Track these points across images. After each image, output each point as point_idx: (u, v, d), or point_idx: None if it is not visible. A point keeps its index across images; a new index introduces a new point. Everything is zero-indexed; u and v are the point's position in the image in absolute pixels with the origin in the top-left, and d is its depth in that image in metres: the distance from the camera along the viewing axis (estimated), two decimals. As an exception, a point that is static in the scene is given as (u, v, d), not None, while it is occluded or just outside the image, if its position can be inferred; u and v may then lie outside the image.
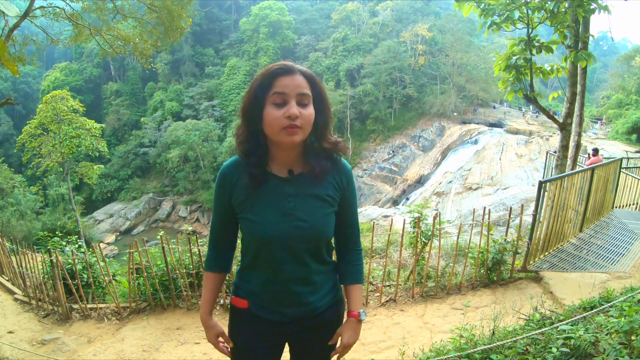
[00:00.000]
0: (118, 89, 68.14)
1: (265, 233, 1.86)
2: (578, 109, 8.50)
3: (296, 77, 1.82)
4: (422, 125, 56.18)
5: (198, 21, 65.62)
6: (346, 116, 56.38)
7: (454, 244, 6.68)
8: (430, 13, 70.26)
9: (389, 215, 27.22)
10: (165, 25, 15.31)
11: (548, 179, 6.76)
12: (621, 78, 54.85)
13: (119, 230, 49.86)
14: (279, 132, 1.79)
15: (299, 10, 77.12)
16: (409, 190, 47.27)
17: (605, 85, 71.60)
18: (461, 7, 6.96)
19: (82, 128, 25.39)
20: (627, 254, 7.42)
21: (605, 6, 6.86)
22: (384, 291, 6.47)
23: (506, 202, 28.51)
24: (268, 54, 64.75)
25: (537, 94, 7.40)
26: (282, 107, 1.78)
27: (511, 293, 6.13)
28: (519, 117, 55.99)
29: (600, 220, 9.47)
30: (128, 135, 62.65)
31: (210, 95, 64.13)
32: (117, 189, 56.88)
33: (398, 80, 58.63)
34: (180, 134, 51.74)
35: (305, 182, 1.93)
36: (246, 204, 1.91)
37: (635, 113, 40.85)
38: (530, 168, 35.35)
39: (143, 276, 6.42)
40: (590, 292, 5.37)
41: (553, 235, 7.20)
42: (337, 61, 61.97)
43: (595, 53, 42.88)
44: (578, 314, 3.89)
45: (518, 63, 6.93)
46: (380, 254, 9.01)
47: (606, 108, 52.68)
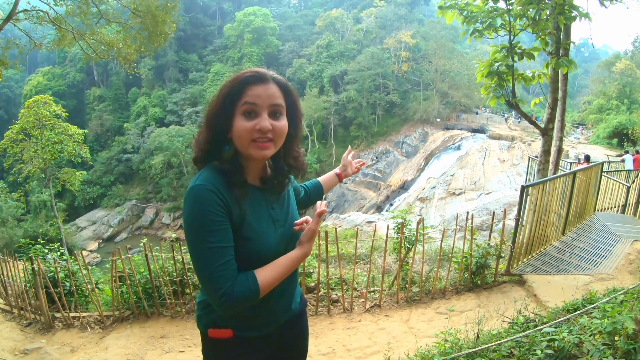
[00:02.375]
0: (101, 94, 67.85)
1: (266, 249, 1.75)
2: (559, 115, 8.60)
3: (269, 86, 1.70)
4: (405, 131, 56.57)
5: (182, 26, 65.57)
6: (330, 122, 56.72)
7: (438, 249, 6.71)
8: (414, 20, 70.82)
9: (372, 221, 27.19)
10: (149, 30, 15.24)
11: (530, 184, 6.83)
12: (602, 84, 55.58)
13: (102, 237, 49.44)
14: (249, 145, 1.67)
15: (283, 16, 77.59)
16: (393, 196, 47.42)
17: (586, 91, 72.51)
18: (444, 14, 7.02)
19: (64, 134, 25.15)
20: (610, 256, 7.51)
21: (586, 13, 6.95)
22: (368, 297, 6.47)
23: (489, 207, 28.69)
24: (252, 60, 64.87)
25: (519, 100, 7.48)
26: (252, 119, 1.66)
27: (495, 297, 6.17)
28: (502, 122, 56.44)
29: (582, 224, 9.58)
30: (111, 141, 62.27)
31: (194, 102, 64.00)
32: (99, 195, 56.44)
33: (381, 86, 59.01)
34: (164, 140, 51.65)
35: (277, 188, 1.90)
36: (241, 221, 1.70)
37: (615, 118, 41.41)
38: (513, 173, 35.65)
39: (126, 284, 6.38)
40: (573, 294, 5.42)
41: (536, 238, 7.26)
42: (320, 67, 62.21)
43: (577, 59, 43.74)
44: (562, 316, 3.93)
45: (500, 70, 6.99)
46: (364, 260, 9.02)
47: (587, 113, 53.39)
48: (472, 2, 6.92)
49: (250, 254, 1.71)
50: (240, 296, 1.60)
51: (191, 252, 1.65)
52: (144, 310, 6.46)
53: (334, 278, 6.69)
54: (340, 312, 6.26)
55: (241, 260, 1.67)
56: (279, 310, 1.93)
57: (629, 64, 52.50)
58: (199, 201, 1.62)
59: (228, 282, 1.59)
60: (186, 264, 6.32)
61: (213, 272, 1.59)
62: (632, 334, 2.58)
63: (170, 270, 6.46)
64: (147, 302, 6.45)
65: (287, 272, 1.75)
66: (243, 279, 1.63)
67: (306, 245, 1.79)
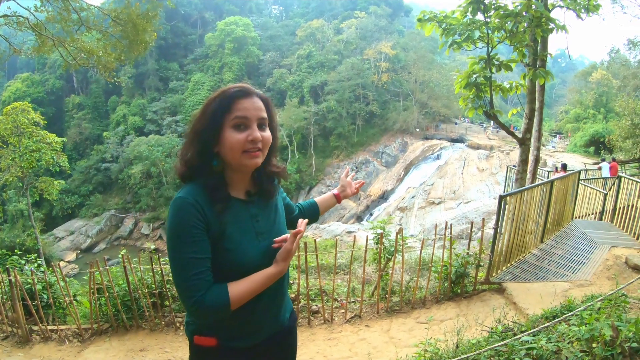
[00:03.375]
0: (80, 102, 67.08)
1: (247, 260, 1.80)
2: (537, 124, 8.71)
3: (255, 100, 1.81)
4: (385, 141, 56.81)
5: (163, 35, 65.44)
6: (310, 132, 56.70)
7: (417, 258, 6.73)
8: (394, 31, 71.48)
9: (352, 231, 27.25)
10: (130, 38, 15.15)
11: (508, 193, 6.88)
12: (579, 93, 56.59)
13: (80, 248, 48.65)
14: (241, 156, 1.76)
15: (264, 26, 77.72)
16: (373, 205, 47.50)
17: (563, 101, 73.68)
18: (423, 27, 7.07)
19: (42, 142, 24.79)
20: (588, 263, 7.61)
21: (562, 26, 7.06)
22: (348, 307, 6.46)
23: (469, 216, 28.89)
24: (233, 69, 64.88)
25: (497, 110, 7.55)
26: (243, 131, 1.75)
27: (475, 305, 6.20)
28: (480, 132, 56.99)
29: (560, 231, 9.71)
30: (90, 149, 61.63)
31: (174, 111, 63.73)
32: (78, 205, 55.60)
33: (361, 97, 59.27)
34: (143, 150, 51.27)
35: (262, 200, 1.96)
36: (221, 233, 1.76)
37: (592, 126, 42.02)
38: (492, 182, 35.94)
39: (105, 296, 6.28)
40: (552, 302, 5.47)
41: (515, 247, 7.33)
42: (301, 78, 62.38)
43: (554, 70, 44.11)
44: (540, 323, 3.96)
45: (478, 81, 7.06)
46: (344, 270, 9.03)
47: (565, 122, 54.20)
48: (451, 14, 6.98)
49: (232, 265, 1.77)
50: (210, 306, 1.66)
51: (170, 260, 1.71)
52: (123, 323, 6.37)
53: (314, 289, 6.68)
54: (321, 323, 6.23)
55: (223, 271, 1.74)
56: (265, 323, 1.95)
57: (605, 74, 53.47)
58: (179, 213, 1.69)
59: (200, 291, 1.65)
60: (165, 276, 6.26)
61: (187, 281, 1.66)
62: (609, 340, 2.62)
63: (149, 282, 6.38)
64: (126, 314, 6.36)
65: (261, 287, 1.79)
66: (216, 290, 1.69)
67: (281, 264, 1.83)
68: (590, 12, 7.92)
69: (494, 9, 6.83)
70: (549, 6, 8.25)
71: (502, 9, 6.78)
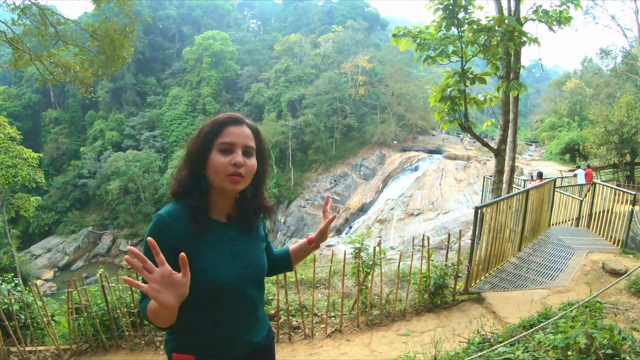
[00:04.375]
0: (57, 116, 66.10)
1: (220, 280, 1.85)
2: (511, 135, 8.86)
3: (244, 128, 1.92)
4: (363, 154, 56.96)
5: (141, 49, 65.18)
6: (288, 147, 56.70)
7: (397, 271, 6.76)
8: (371, 45, 72.07)
9: (332, 245, 27.24)
10: (107, 54, 15.03)
11: (484, 204, 6.97)
12: (553, 102, 57.43)
13: (58, 265, 47.84)
14: (223, 179, 1.83)
15: (242, 40, 77.63)
16: (352, 218, 47.49)
17: (538, 110, 74.70)
18: (398, 42, 7.16)
19: (19, 157, 24.42)
20: (565, 269, 7.73)
21: (535, 38, 7.21)
22: (329, 322, 6.48)
23: (448, 226, 29.04)
24: (210, 84, 64.82)
25: (472, 123, 7.67)
26: (228, 155, 1.83)
27: (455, 316, 6.25)
28: (457, 143, 57.36)
29: (538, 239, 9.84)
30: (67, 165, 60.78)
31: (152, 125, 63.37)
32: (55, 221, 54.72)
33: (339, 110, 59.40)
34: (121, 165, 50.81)
35: (242, 225, 2.00)
36: (195, 253, 1.81)
37: (567, 134, 42.50)
38: (470, 192, 36.16)
39: (83, 316, 6.20)
40: (530, 309, 5.55)
41: (493, 256, 7.42)
42: (279, 92, 62.39)
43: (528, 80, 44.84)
44: (518, 332, 4.03)
45: (453, 94, 7.16)
46: (324, 284, 9.03)
47: (540, 131, 54.94)
48: (425, 30, 7.08)
49: (205, 283, 1.80)
50: (142, 311, 1.79)
51: None
52: (102, 343, 6.32)
53: (293, 304, 6.68)
54: (302, 339, 6.23)
55: (198, 290, 1.76)
56: (237, 342, 1.97)
57: (579, 82, 54.30)
58: (153, 229, 1.80)
59: (145, 299, 1.78)
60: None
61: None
62: (584, 348, 2.67)
63: (128, 301, 6.36)
64: (105, 334, 6.31)
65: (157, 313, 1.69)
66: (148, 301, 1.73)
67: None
68: (562, 24, 8.09)
69: (467, 24, 6.95)
70: (521, 19, 8.43)
71: (475, 24, 6.90)
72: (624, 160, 25.22)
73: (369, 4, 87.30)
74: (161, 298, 1.53)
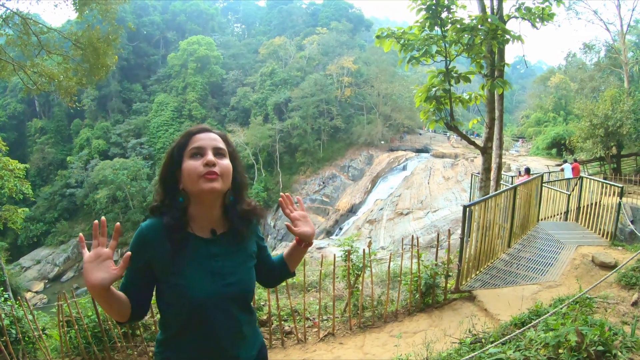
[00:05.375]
0: (43, 126, 65.48)
1: (197, 296, 1.82)
2: (497, 133, 8.89)
3: (211, 133, 1.94)
4: (350, 155, 57.10)
5: (126, 56, 65.02)
6: (275, 150, 56.72)
7: (387, 272, 6.76)
8: (355, 46, 72.28)
9: (323, 247, 27.24)
10: (91, 62, 14.91)
11: (472, 203, 7.00)
12: (538, 98, 57.97)
13: (48, 277, 47.43)
14: (198, 180, 1.81)
15: (227, 45, 77.59)
16: (342, 219, 47.52)
17: (524, 106, 75.36)
18: (382, 44, 7.16)
19: (5, 169, 24.24)
20: (555, 264, 7.77)
21: (518, 36, 7.24)
22: (321, 326, 6.46)
23: (437, 224, 29.13)
24: (196, 89, 64.75)
25: (458, 122, 7.69)
26: (199, 158, 1.85)
27: (447, 315, 6.26)
28: (444, 141, 57.62)
29: (527, 234, 9.89)
30: (54, 175, 60.20)
31: (138, 133, 63.10)
32: (43, 232, 54.15)
33: (325, 112, 59.56)
34: (108, 174, 50.54)
35: (228, 241, 1.96)
36: (171, 269, 1.84)
37: (553, 129, 42.81)
38: (458, 189, 36.23)
39: (74, 329, 6.12)
40: (521, 306, 5.57)
41: (483, 254, 7.44)
42: (265, 95, 62.35)
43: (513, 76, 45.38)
44: (510, 331, 4.03)
45: (438, 94, 7.18)
46: (315, 287, 9.02)
47: (526, 126, 55.28)
48: (409, 30, 7.09)
49: (182, 299, 1.82)
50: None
51: None
52: (95, 355, 6.22)
53: (285, 309, 6.66)
54: (295, 344, 6.20)
55: (174, 306, 1.86)
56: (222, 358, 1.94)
57: (563, 78, 54.74)
58: (133, 240, 1.88)
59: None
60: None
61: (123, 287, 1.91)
62: (575, 345, 2.68)
63: (120, 311, 6.29)
64: (97, 346, 6.20)
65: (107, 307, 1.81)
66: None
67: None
68: (545, 21, 8.13)
69: (450, 23, 6.96)
70: (504, 17, 8.46)
71: (458, 23, 6.91)
72: (610, 153, 25.38)
73: (353, 5, 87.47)
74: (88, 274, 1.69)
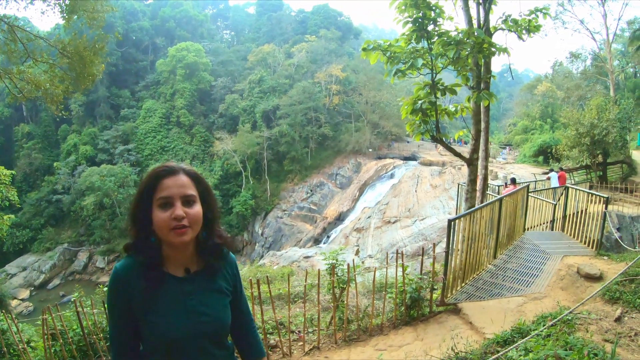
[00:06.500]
0: (30, 131, 64.80)
1: (173, 334, 1.84)
2: (483, 144, 8.95)
3: (180, 177, 1.89)
4: (338, 163, 57.21)
5: (114, 61, 64.77)
6: (263, 157, 56.74)
7: (375, 281, 6.75)
8: (344, 54, 72.53)
9: (310, 256, 27.23)
10: (77, 71, 14.86)
11: (457, 216, 7.02)
12: (525, 106, 58.70)
13: (34, 284, 46.93)
14: (168, 233, 1.81)
15: (216, 52, 77.43)
16: (330, 227, 47.50)
17: (511, 114, 76.05)
18: (368, 56, 7.17)
19: (-9, 176, 24.02)
20: (541, 275, 7.81)
21: (504, 48, 7.29)
22: (307, 339, 6.43)
23: (425, 233, 29.22)
24: (184, 96, 64.53)
25: (444, 134, 7.70)
26: (168, 209, 1.82)
27: (432, 328, 6.26)
28: (432, 149, 57.71)
29: (513, 245, 9.92)
30: (40, 181, 59.72)
31: (126, 139, 62.70)
32: (29, 239, 53.64)
33: (313, 120, 59.67)
34: (95, 180, 50.10)
35: (202, 279, 1.98)
36: (148, 307, 1.86)
37: (540, 137, 43.21)
38: (445, 197, 36.37)
39: (59, 342, 6.05)
40: (505, 319, 5.58)
41: (468, 266, 7.46)
42: (253, 103, 62.35)
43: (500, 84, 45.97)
44: (492, 349, 4.04)
45: (424, 107, 7.19)
46: (302, 298, 9.02)
47: (513, 134, 55.87)
48: (395, 43, 7.11)
49: (156, 338, 1.86)
50: None
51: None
52: (79, 368, 6.21)
53: (270, 322, 6.63)
54: (280, 358, 6.17)
55: (150, 343, 1.91)
56: None
57: (550, 86, 55.39)
58: (110, 287, 1.91)
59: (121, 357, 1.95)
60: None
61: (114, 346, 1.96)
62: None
63: (104, 325, 6.25)
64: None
65: None
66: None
67: None
68: (532, 32, 8.20)
69: (437, 36, 6.99)
70: (491, 29, 8.52)
71: (445, 36, 6.94)
72: (596, 161, 25.64)
73: (342, 13, 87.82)
74: None
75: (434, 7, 6.84)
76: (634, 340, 4.40)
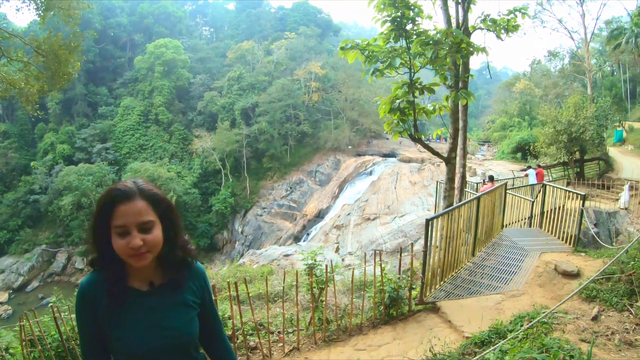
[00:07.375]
0: (6, 129, 63.42)
1: (139, 349, 1.84)
2: (461, 143, 9.01)
3: (135, 204, 1.82)
4: (317, 160, 57.40)
5: (92, 58, 63.90)
6: (242, 155, 56.67)
7: (355, 279, 6.76)
8: (323, 51, 72.56)
9: (290, 254, 27.15)
10: (52, 70, 14.69)
11: (435, 216, 7.03)
12: (504, 103, 59.40)
13: (12, 287, 46.13)
14: (128, 259, 1.81)
15: (194, 48, 76.82)
16: (309, 225, 47.57)
17: (489, 111, 76.69)
18: (346, 55, 7.17)
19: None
20: (519, 272, 7.87)
21: (483, 48, 7.34)
22: (287, 340, 6.41)
23: (404, 229, 29.37)
24: (163, 93, 63.94)
25: (421, 133, 7.73)
26: (125, 237, 1.78)
27: (411, 327, 6.27)
28: (412, 145, 57.87)
29: (491, 242, 9.97)
30: (17, 181, 58.40)
31: (104, 137, 61.95)
32: (6, 241, 52.68)
33: (293, 117, 59.77)
34: (73, 179, 49.46)
35: (167, 292, 1.96)
36: (113, 322, 1.86)
37: (518, 134, 43.73)
38: (424, 194, 36.58)
39: (38, 349, 5.96)
40: (483, 316, 5.61)
41: (447, 264, 7.50)
42: (232, 100, 62.08)
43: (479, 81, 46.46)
44: (470, 350, 4.05)
45: (402, 106, 7.19)
46: (281, 297, 9.00)
47: (492, 131, 56.41)
48: (373, 42, 7.10)
49: (124, 352, 1.87)
50: None
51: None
52: (58, 376, 6.12)
53: (250, 323, 6.61)
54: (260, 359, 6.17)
55: (119, 357, 1.91)
56: None
57: (528, 84, 56.07)
58: (77, 302, 1.92)
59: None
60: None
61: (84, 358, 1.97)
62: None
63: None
64: (60, 366, 6.11)
65: None
66: None
67: None
68: (510, 32, 8.26)
69: (415, 35, 7.00)
70: (469, 28, 8.56)
71: (423, 35, 6.95)
72: (573, 158, 25.91)
73: (322, 10, 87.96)
74: None
75: (413, 6, 6.85)
76: (610, 340, 4.45)
